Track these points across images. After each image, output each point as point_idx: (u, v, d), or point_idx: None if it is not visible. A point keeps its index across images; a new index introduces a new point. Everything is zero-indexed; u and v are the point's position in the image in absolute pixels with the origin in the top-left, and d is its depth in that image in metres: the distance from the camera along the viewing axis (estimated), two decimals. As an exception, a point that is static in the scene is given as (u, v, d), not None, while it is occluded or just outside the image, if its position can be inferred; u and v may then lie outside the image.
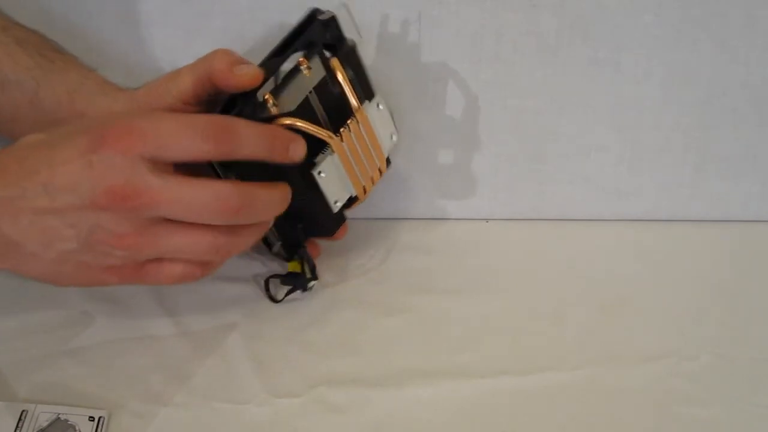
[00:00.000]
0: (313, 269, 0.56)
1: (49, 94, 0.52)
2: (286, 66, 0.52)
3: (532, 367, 0.51)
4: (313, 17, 0.52)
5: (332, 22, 0.52)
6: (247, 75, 0.49)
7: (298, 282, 0.56)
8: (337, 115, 0.51)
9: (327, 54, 0.52)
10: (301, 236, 0.55)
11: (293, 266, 0.57)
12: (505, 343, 0.53)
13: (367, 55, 0.59)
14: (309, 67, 0.51)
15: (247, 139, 0.46)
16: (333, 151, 0.50)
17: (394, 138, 0.56)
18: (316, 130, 0.49)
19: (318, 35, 0.52)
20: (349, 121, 0.51)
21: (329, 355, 0.52)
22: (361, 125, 0.52)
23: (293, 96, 0.50)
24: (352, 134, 0.51)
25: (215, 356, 0.52)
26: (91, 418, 0.47)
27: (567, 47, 0.58)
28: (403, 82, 0.60)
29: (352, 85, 0.51)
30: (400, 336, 0.54)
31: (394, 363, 0.51)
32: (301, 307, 0.53)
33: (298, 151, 0.48)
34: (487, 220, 0.65)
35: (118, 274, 0.47)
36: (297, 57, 0.52)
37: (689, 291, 0.58)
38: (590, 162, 0.62)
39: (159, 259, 0.47)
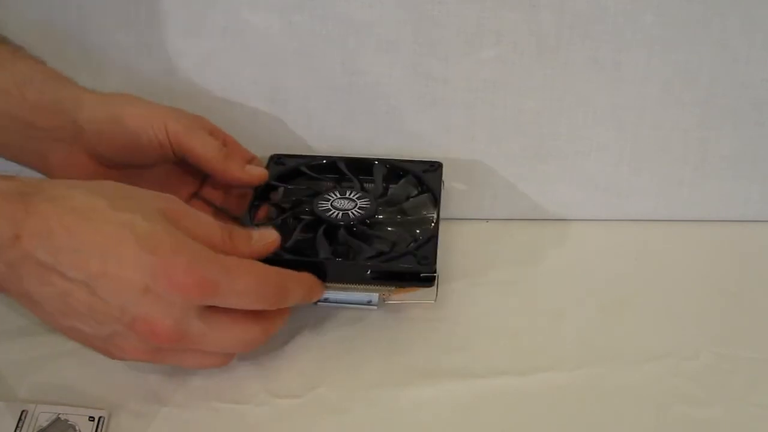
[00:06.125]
0: None
1: None
2: None
3: (532, 367, 0.51)
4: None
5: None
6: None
7: None
8: None
9: None
10: None
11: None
12: (505, 343, 0.53)
13: (368, 55, 0.59)
14: None
15: (294, 295, 0.48)
16: None
17: None
18: None
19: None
20: None
21: (329, 356, 0.52)
22: None
23: None
24: None
25: (215, 356, 0.52)
26: (91, 418, 0.47)
27: (567, 47, 0.58)
28: (403, 82, 0.60)
29: None
30: (400, 336, 0.53)
31: (394, 363, 0.51)
32: (301, 307, 0.53)
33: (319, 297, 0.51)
34: (487, 220, 0.65)
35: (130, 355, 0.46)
36: None
37: (689, 291, 0.58)
38: (590, 162, 0.62)
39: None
